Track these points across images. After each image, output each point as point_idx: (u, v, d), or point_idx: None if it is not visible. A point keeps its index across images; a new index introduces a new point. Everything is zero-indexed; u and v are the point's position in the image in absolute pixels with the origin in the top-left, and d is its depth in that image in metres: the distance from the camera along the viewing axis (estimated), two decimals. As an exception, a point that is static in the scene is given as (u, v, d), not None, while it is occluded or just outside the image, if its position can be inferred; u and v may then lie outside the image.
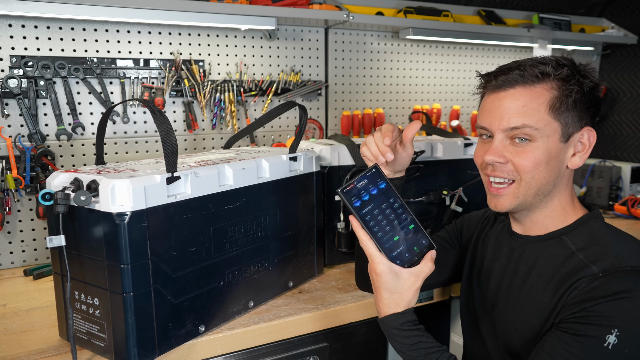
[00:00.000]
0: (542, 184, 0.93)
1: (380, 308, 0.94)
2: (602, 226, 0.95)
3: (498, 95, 0.94)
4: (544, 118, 0.91)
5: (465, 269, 1.15)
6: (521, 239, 1.02)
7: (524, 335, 0.95)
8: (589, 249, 0.91)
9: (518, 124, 0.91)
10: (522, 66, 0.93)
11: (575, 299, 0.86)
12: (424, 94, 2.31)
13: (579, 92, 0.91)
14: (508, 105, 0.92)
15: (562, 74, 0.91)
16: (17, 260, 1.57)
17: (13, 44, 1.51)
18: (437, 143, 1.57)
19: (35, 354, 1.01)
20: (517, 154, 0.93)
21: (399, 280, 0.91)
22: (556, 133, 0.92)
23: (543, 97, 0.91)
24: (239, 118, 1.88)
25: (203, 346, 1.06)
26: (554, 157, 0.93)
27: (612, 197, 2.24)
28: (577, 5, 2.59)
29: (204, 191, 1.04)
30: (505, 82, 0.93)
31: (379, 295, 0.93)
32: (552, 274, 0.93)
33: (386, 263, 0.91)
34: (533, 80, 0.91)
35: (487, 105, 0.97)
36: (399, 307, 0.92)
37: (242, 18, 1.66)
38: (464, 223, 1.22)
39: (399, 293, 0.92)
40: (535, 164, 0.92)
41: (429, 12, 2.09)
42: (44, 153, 1.55)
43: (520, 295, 0.97)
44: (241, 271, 1.15)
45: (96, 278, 0.96)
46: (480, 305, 1.08)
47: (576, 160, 0.95)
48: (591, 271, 0.87)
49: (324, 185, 1.42)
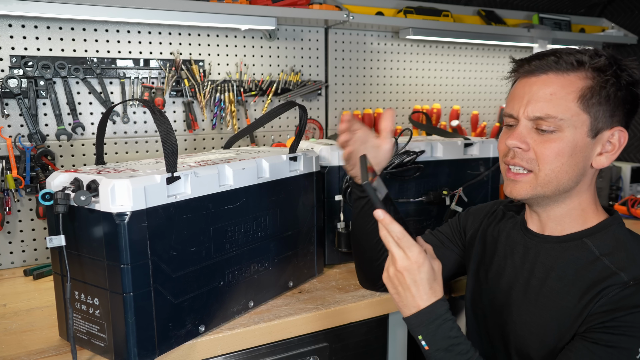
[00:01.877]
0: (564, 178, 0.90)
1: (424, 300, 0.86)
2: (625, 232, 0.92)
3: (529, 80, 0.91)
4: (571, 108, 0.87)
5: (472, 264, 1.11)
6: (537, 238, 0.98)
7: (540, 339, 0.91)
8: (615, 254, 0.88)
9: (542, 115, 0.87)
10: (558, 53, 0.89)
11: (604, 307, 0.83)
12: (424, 94, 2.31)
13: (614, 84, 0.87)
14: (536, 91, 0.89)
15: (599, 64, 0.87)
16: (17, 260, 1.57)
17: (13, 44, 1.51)
18: (437, 143, 1.57)
19: (35, 354, 1.01)
20: (541, 142, 0.89)
21: (433, 267, 0.87)
22: (584, 126, 0.87)
23: (574, 85, 0.87)
24: (239, 118, 1.88)
25: (203, 346, 1.06)
26: (579, 152, 0.88)
27: (612, 197, 2.23)
28: (577, 5, 2.59)
29: (204, 191, 1.04)
30: (538, 68, 0.89)
31: (421, 288, 0.86)
32: (574, 278, 0.89)
33: (423, 251, 0.86)
34: (567, 67, 0.87)
35: (516, 90, 0.93)
36: (440, 293, 0.88)
37: (242, 18, 1.66)
38: (469, 216, 1.19)
39: (437, 280, 0.88)
40: (558, 155, 0.88)
41: (429, 12, 2.09)
42: (44, 153, 1.55)
43: (537, 298, 0.93)
44: (241, 271, 1.15)
45: (96, 278, 0.96)
46: (489, 304, 1.04)
47: (602, 160, 0.90)
48: (620, 279, 0.84)
49: (324, 185, 1.42)
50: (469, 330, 1.14)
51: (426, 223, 1.58)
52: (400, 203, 1.53)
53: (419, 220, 1.57)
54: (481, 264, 1.09)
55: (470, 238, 1.16)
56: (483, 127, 2.37)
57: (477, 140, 1.65)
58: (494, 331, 1.03)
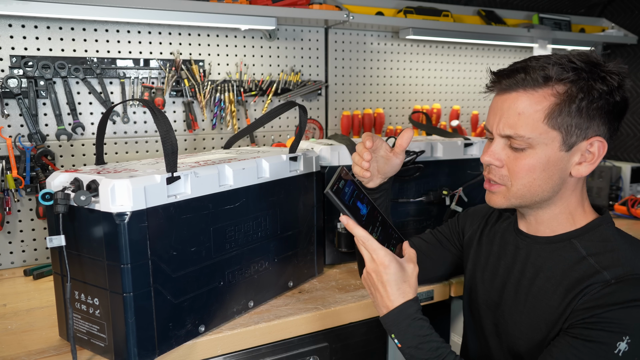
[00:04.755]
0: (537, 191, 0.92)
1: (392, 301, 0.90)
2: (613, 231, 0.93)
3: (502, 96, 0.92)
4: (538, 127, 0.87)
5: (469, 265, 1.14)
6: (528, 239, 1.00)
7: (529, 338, 0.93)
8: (601, 254, 0.89)
9: (511, 133, 0.90)
10: (529, 68, 0.88)
11: (586, 304, 0.85)
12: (424, 94, 2.31)
13: (584, 98, 0.85)
14: (507, 109, 0.90)
15: (566, 78, 0.86)
16: (17, 260, 1.57)
17: (13, 44, 1.51)
18: (437, 143, 1.57)
19: (35, 354, 1.01)
20: (514, 159, 0.91)
21: (403, 269, 0.90)
22: (555, 141, 0.88)
23: (542, 104, 0.87)
24: (239, 118, 1.88)
25: (203, 346, 1.06)
26: (552, 166, 0.89)
27: (612, 197, 2.24)
28: (577, 5, 2.59)
29: (204, 191, 1.04)
30: (509, 86, 0.90)
31: (390, 288, 0.89)
32: (561, 277, 0.91)
33: (390, 254, 0.89)
34: (534, 84, 0.87)
35: (493, 105, 0.95)
36: (410, 294, 0.90)
37: (242, 18, 1.66)
38: (468, 217, 1.21)
39: (407, 281, 0.90)
40: (529, 171, 0.90)
41: (429, 12, 2.09)
42: (44, 153, 1.55)
43: (527, 298, 0.95)
44: (241, 271, 1.15)
45: (96, 278, 0.96)
46: (484, 303, 1.06)
47: (581, 169, 0.90)
48: (603, 277, 0.86)
49: (324, 185, 1.42)
50: (467, 329, 1.16)
51: (426, 223, 1.58)
52: (400, 203, 1.53)
53: (419, 220, 1.57)
54: (477, 264, 1.11)
55: (468, 239, 1.18)
56: (483, 127, 2.37)
57: (477, 140, 1.65)
58: (488, 330, 1.05)
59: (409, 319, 0.89)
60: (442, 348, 0.89)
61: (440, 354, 0.88)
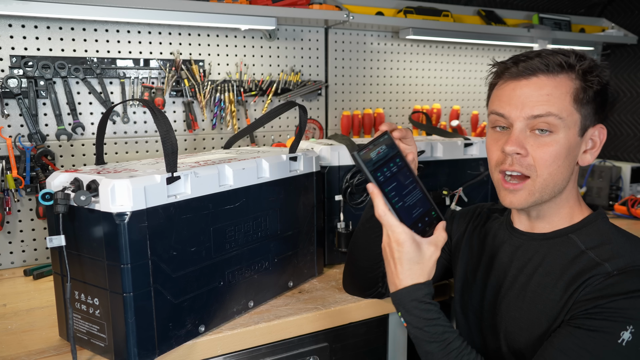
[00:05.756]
0: (559, 179, 0.92)
1: (401, 280, 0.88)
2: (609, 226, 0.95)
3: (519, 83, 0.91)
4: (567, 108, 0.89)
5: (459, 267, 1.13)
6: (524, 236, 1.00)
7: (530, 334, 0.93)
8: (600, 248, 0.90)
9: (542, 112, 0.88)
10: (542, 55, 0.91)
11: (588, 295, 0.85)
12: (424, 94, 2.31)
13: (596, 85, 0.90)
14: (531, 93, 0.90)
15: (585, 66, 0.90)
16: (17, 260, 1.57)
17: (13, 44, 1.51)
18: (437, 143, 1.57)
19: (35, 354, 1.01)
20: (538, 146, 0.90)
21: (420, 250, 0.88)
22: (576, 125, 0.90)
23: (567, 86, 0.89)
24: (239, 118, 1.88)
25: (203, 346, 1.06)
26: (572, 152, 0.91)
27: (612, 197, 2.23)
28: (577, 5, 2.59)
29: (204, 191, 1.04)
30: (527, 70, 0.90)
31: (400, 266, 0.87)
32: (560, 272, 0.91)
33: (408, 232, 0.86)
34: (555, 69, 0.90)
35: (505, 92, 0.93)
36: (422, 277, 0.88)
37: (242, 18, 1.66)
38: (454, 222, 1.20)
39: (421, 264, 0.88)
40: (555, 158, 0.90)
41: (429, 12, 2.09)
42: (44, 153, 1.55)
43: (526, 294, 0.95)
44: (241, 271, 1.15)
45: (96, 278, 0.96)
46: (479, 304, 1.06)
47: (587, 157, 0.94)
48: (604, 269, 0.86)
49: (324, 185, 1.42)
50: (461, 332, 1.13)
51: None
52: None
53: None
54: (469, 265, 1.11)
55: (456, 242, 1.17)
56: (483, 127, 2.37)
57: (477, 140, 1.65)
58: (485, 330, 1.04)
59: (416, 302, 0.87)
60: (448, 332, 0.87)
61: (446, 338, 0.86)
